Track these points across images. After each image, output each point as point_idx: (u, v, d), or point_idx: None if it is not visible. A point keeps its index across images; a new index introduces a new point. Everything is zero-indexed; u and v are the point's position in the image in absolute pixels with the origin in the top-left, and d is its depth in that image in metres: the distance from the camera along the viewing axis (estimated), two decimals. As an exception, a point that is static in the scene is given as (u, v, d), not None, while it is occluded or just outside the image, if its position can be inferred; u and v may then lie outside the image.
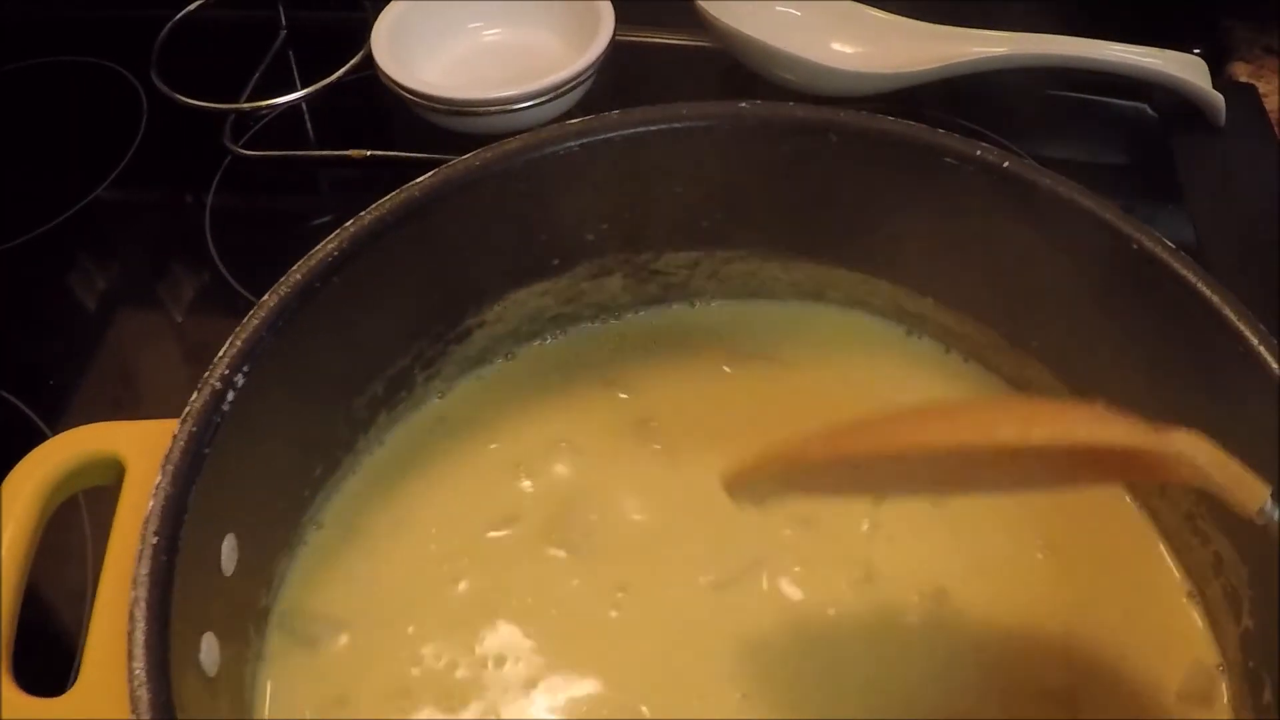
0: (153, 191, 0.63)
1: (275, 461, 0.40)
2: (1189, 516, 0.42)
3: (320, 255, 0.39)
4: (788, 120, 0.44)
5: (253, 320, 0.38)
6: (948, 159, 0.42)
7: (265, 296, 0.38)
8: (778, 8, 0.64)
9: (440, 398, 0.47)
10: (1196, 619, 0.41)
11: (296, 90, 0.64)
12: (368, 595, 0.42)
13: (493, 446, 0.46)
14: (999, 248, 0.43)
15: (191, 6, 0.66)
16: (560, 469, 0.45)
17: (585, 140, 0.43)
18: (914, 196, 0.44)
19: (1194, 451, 0.30)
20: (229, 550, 0.37)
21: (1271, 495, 0.31)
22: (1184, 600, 0.42)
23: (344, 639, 0.41)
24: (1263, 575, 0.38)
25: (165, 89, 0.62)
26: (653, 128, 0.43)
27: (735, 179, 0.45)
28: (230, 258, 0.58)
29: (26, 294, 0.58)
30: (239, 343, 0.37)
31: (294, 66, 0.68)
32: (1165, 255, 0.40)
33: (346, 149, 0.61)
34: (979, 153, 0.42)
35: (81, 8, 0.72)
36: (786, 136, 0.44)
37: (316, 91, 0.63)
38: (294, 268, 0.39)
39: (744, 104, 0.44)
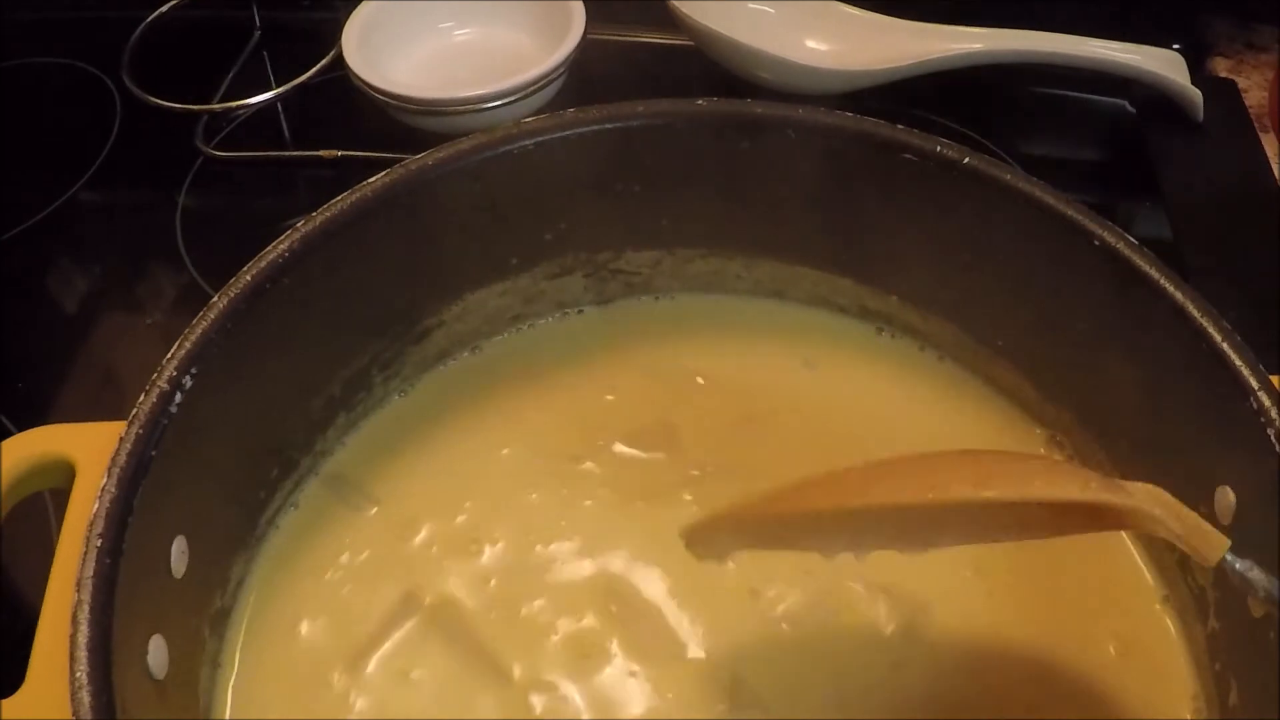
0: (126, 193, 0.63)
1: (228, 464, 0.40)
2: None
3: (271, 256, 0.39)
4: (745, 117, 0.43)
5: (201, 322, 0.37)
6: (907, 155, 0.42)
7: (214, 298, 0.38)
8: (751, 5, 0.63)
9: (402, 396, 0.47)
10: (1169, 623, 0.41)
11: (271, 91, 0.63)
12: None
13: (462, 442, 0.45)
14: (961, 244, 0.43)
15: (164, 8, 0.66)
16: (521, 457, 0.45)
17: (540, 139, 0.42)
18: (875, 193, 0.43)
19: (1152, 506, 0.31)
20: (179, 552, 0.37)
21: (1230, 549, 0.31)
22: (1157, 606, 0.41)
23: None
24: (1227, 577, 0.38)
25: (137, 90, 0.62)
26: (608, 126, 0.43)
27: (694, 176, 0.45)
28: (202, 259, 0.58)
29: (-1, 294, 0.58)
30: (187, 345, 0.37)
31: (269, 67, 0.68)
32: (1128, 251, 0.39)
33: (320, 149, 0.61)
34: (938, 148, 0.42)
35: (54, 9, 0.71)
36: (744, 133, 0.43)
37: (287, 92, 0.62)
38: (244, 269, 0.39)
39: (700, 101, 0.43)
